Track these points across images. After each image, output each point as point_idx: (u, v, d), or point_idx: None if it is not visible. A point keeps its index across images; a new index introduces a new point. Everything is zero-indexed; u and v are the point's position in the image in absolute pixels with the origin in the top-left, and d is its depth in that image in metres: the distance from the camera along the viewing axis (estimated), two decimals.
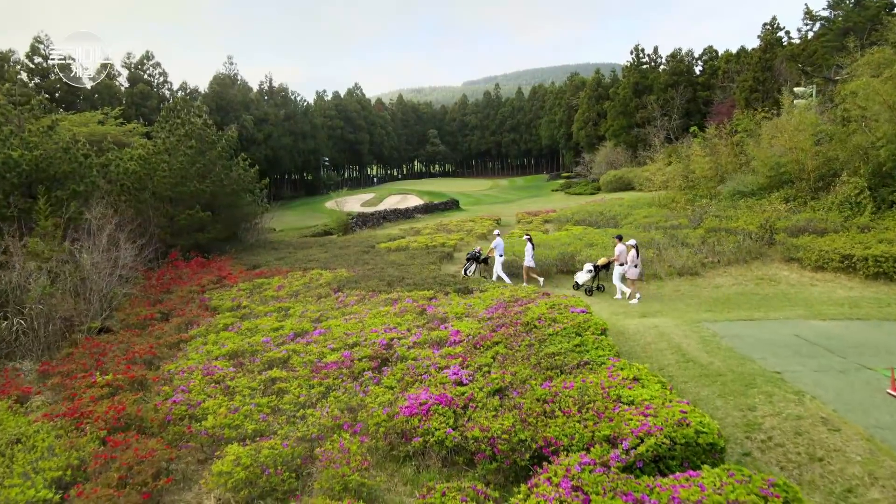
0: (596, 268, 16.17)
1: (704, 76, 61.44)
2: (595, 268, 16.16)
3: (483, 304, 12.96)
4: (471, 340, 9.96)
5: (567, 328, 9.39)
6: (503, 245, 18.08)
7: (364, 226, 35.96)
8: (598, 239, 20.17)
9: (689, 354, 9.17)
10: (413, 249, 23.95)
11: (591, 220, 27.04)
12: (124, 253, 16.94)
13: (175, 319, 14.31)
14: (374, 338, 10.65)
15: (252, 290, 17.23)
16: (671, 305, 13.96)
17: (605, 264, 16.24)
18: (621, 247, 15.33)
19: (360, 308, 13.50)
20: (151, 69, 59.95)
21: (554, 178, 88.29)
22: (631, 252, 14.72)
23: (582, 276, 16.35)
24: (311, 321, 12.80)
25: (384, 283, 16.35)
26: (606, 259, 16.35)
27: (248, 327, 12.57)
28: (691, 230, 20.38)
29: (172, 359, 11.21)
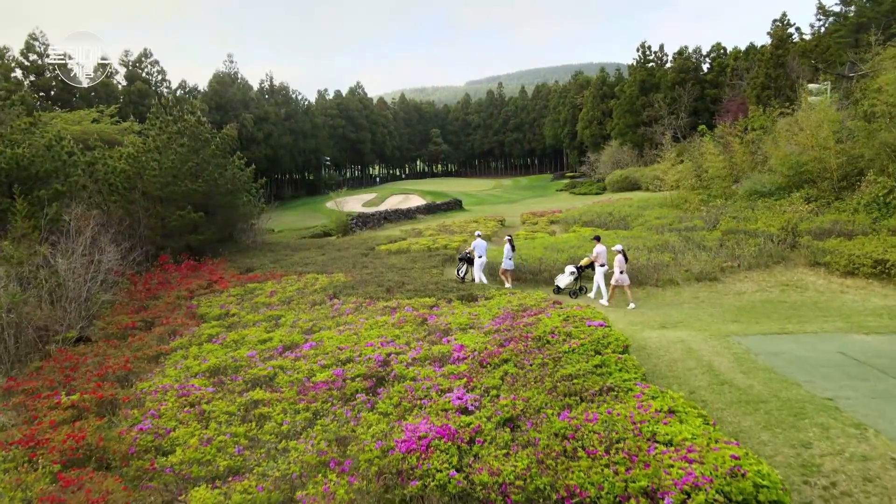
0: (578, 269, 15.60)
1: (713, 74, 60.26)
2: (578, 269, 15.59)
3: (489, 313, 11.94)
4: (476, 357, 8.94)
5: (584, 345, 8.37)
6: (485, 246, 17.32)
7: (364, 227, 34.97)
8: (609, 241, 19.02)
9: (724, 375, 8.13)
10: (414, 252, 22.95)
11: (600, 221, 25.98)
12: (108, 256, 15.98)
13: (158, 328, 13.34)
14: (370, 353, 9.64)
15: (243, 296, 16.25)
16: (692, 314, 12.92)
17: (589, 265, 15.55)
18: (600, 247, 14.83)
19: (356, 318, 12.49)
20: (149, 67, 59.04)
21: (558, 178, 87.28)
22: (618, 257, 14.16)
23: (564, 279, 15.65)
24: (302, 332, 11.80)
25: (383, 290, 15.35)
26: (588, 260, 15.61)
27: (233, 339, 11.57)
28: (707, 232, 19.34)
29: (149, 375, 10.22)
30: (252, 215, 28.03)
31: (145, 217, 21.15)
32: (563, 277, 15.73)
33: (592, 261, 15.21)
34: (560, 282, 15.73)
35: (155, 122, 23.20)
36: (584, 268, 15.66)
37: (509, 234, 19.21)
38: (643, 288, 15.74)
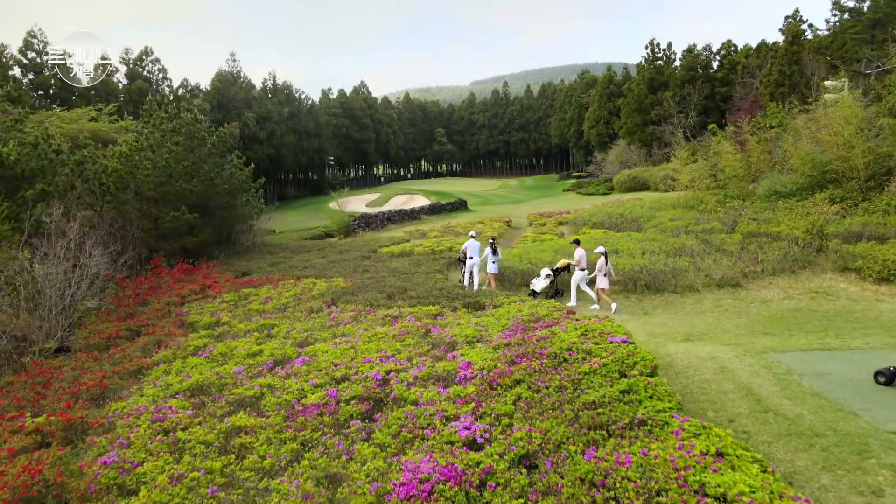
0: (554, 272, 15.21)
1: (723, 71, 59.03)
2: (553, 272, 15.19)
3: (498, 324, 11.01)
4: (485, 377, 8.02)
5: (607, 365, 7.44)
6: (478, 247, 16.60)
7: (367, 227, 34.08)
8: (622, 244, 18.15)
9: (766, 401, 7.18)
10: (418, 255, 22.04)
11: (611, 222, 25.01)
12: (94, 260, 15.12)
13: (143, 338, 12.46)
14: (368, 370, 8.74)
15: (237, 302, 15.37)
16: (717, 325, 11.96)
17: (564, 267, 15.35)
18: (581, 251, 14.54)
19: (355, 328, 11.58)
20: (150, 65, 58.28)
21: (564, 178, 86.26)
22: (600, 259, 13.90)
23: (539, 283, 15.07)
24: (295, 344, 10.90)
25: (384, 296, 14.45)
26: (565, 262, 15.42)
27: (221, 351, 10.68)
28: (726, 235, 18.35)
29: (126, 392, 9.33)
30: (251, 216, 27.18)
31: (138, 218, 20.32)
32: (538, 281, 15.16)
33: (568, 264, 15.05)
34: (536, 286, 15.10)
35: (149, 119, 22.36)
36: (560, 271, 15.34)
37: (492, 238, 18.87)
38: (661, 295, 14.77)
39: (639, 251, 16.94)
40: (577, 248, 14.68)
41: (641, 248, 17.29)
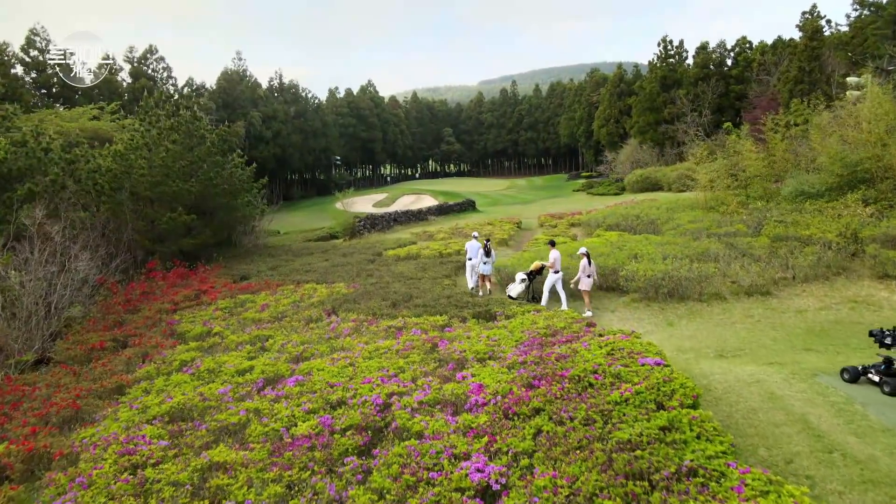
0: (529, 275, 14.79)
1: (738, 69, 57.63)
2: (528, 276, 14.78)
3: (511, 338, 10.03)
4: (500, 403, 7.06)
5: (641, 393, 6.45)
6: (477, 248, 16.05)
7: (373, 229, 33.14)
8: (641, 248, 17.10)
9: (829, 437, 6.16)
10: (424, 258, 21.08)
11: (627, 224, 23.92)
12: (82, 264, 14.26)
13: (129, 350, 11.59)
14: (367, 392, 7.80)
15: (232, 310, 14.48)
16: (752, 338, 10.91)
17: (539, 270, 14.88)
18: (556, 253, 14.17)
19: (355, 341, 10.63)
20: (154, 64, 57.60)
21: (574, 178, 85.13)
22: (583, 261, 13.53)
23: (515, 288, 14.67)
24: (290, 360, 9.97)
25: (388, 304, 13.50)
26: (539, 264, 14.91)
27: (209, 367, 9.76)
28: (752, 238, 17.26)
29: (99, 416, 8.42)
30: (252, 217, 26.33)
31: (133, 219, 19.46)
32: (514, 286, 14.74)
33: (542, 266, 14.72)
34: (512, 291, 14.67)
35: (145, 116, 21.51)
36: (535, 274, 14.90)
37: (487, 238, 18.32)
38: (685, 303, 13.73)
39: (659, 256, 15.88)
40: (552, 250, 14.30)
41: (662, 253, 16.23)
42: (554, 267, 14.10)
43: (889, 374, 7.24)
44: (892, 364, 7.32)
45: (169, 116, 22.08)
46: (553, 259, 14.14)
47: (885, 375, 7.24)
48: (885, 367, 7.33)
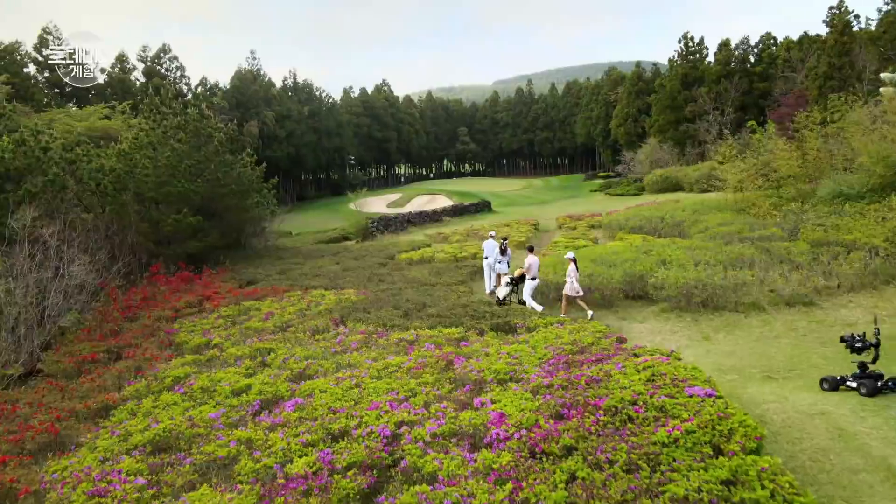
0: (513, 280, 14.62)
1: (762, 66, 55.97)
2: (512, 280, 14.64)
3: (534, 355, 9.09)
4: (524, 438, 6.13)
5: (693, 432, 5.49)
6: (493, 247, 16.06)
7: (386, 230, 32.34)
8: (668, 253, 16.04)
9: None
10: (439, 262, 20.18)
11: (650, 227, 22.82)
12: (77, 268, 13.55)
13: (122, 363, 10.83)
14: (373, 421, 6.92)
15: (234, 318, 13.69)
16: (800, 356, 9.85)
17: (521, 276, 14.41)
18: (532, 259, 13.92)
19: (362, 357, 9.74)
20: (168, 63, 57.36)
21: (591, 178, 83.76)
22: (570, 266, 13.14)
23: (503, 291, 14.58)
24: (291, 378, 9.12)
25: (399, 314, 12.62)
26: (521, 271, 14.46)
27: (202, 385, 8.92)
28: (789, 243, 16.13)
29: (77, 443, 7.62)
30: (260, 218, 25.61)
31: (137, 221, 18.79)
32: (502, 289, 14.65)
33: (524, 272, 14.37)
34: (500, 293, 14.55)
35: (150, 114, 20.85)
36: (518, 280, 14.55)
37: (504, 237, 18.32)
38: (720, 314, 12.68)
39: (690, 262, 14.82)
40: (529, 255, 14.05)
41: (692, 258, 15.18)
42: (530, 273, 13.72)
43: (865, 376, 7.33)
44: (866, 368, 7.40)
45: (176, 115, 21.41)
46: (528, 265, 13.78)
47: (863, 378, 7.31)
48: (860, 371, 7.42)
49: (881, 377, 7.31)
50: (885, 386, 7.21)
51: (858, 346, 7.60)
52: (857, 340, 7.65)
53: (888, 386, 7.21)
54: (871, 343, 7.57)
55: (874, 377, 7.29)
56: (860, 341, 7.61)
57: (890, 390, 7.19)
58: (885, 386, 7.21)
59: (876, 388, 7.14)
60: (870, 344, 7.57)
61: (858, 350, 7.60)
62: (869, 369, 7.41)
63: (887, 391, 7.21)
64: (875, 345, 7.55)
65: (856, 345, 7.63)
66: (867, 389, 7.16)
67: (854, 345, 7.65)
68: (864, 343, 7.59)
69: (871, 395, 7.10)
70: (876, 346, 7.54)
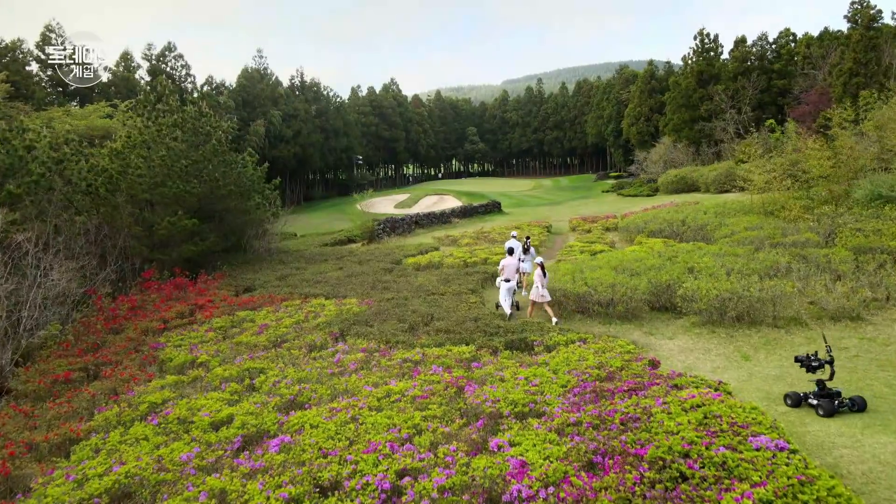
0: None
1: (780, 63, 54.34)
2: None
3: (556, 382, 7.97)
4: (552, 497, 5.02)
5: (769, 502, 4.33)
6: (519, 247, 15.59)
7: (393, 232, 31.23)
8: (696, 260, 14.84)
9: None
10: (447, 267, 19.06)
11: (671, 230, 21.55)
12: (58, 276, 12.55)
13: (98, 383, 9.79)
14: (370, 468, 5.84)
15: (226, 331, 12.66)
16: (859, 383, 8.62)
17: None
18: (507, 260, 13.40)
19: (361, 381, 8.64)
20: (173, 61, 56.49)
21: (602, 178, 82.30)
22: (537, 271, 12.72)
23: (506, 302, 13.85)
24: (279, 406, 8.04)
25: (404, 328, 11.54)
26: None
27: (179, 415, 7.86)
28: (827, 250, 14.88)
29: (27, 488, 6.57)
30: (262, 221, 24.59)
31: (129, 224, 17.80)
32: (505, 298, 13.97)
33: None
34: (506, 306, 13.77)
35: (143, 110, 19.85)
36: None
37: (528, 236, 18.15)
38: (758, 330, 11.49)
39: (720, 270, 13.63)
40: (507, 258, 13.58)
41: (723, 266, 13.99)
42: (503, 274, 13.28)
43: (822, 395, 7.43)
44: (824, 386, 7.51)
45: (173, 112, 20.42)
46: (502, 266, 13.41)
47: (819, 398, 7.40)
48: (819, 389, 7.53)
49: (839, 395, 7.41)
50: (842, 405, 7.29)
51: (815, 364, 7.73)
52: (811, 360, 7.79)
53: (845, 405, 7.29)
54: (826, 361, 7.72)
55: (832, 397, 7.37)
56: (815, 360, 7.76)
57: (847, 409, 7.28)
58: (842, 405, 7.29)
59: (833, 407, 7.21)
60: (824, 362, 7.73)
61: (814, 369, 7.73)
62: (826, 387, 7.50)
63: (844, 409, 7.29)
64: (829, 362, 7.71)
65: (812, 364, 7.75)
66: (825, 411, 7.23)
67: (810, 364, 7.77)
68: (819, 361, 7.73)
69: (829, 416, 7.15)
70: (830, 363, 7.71)
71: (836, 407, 7.24)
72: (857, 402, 7.33)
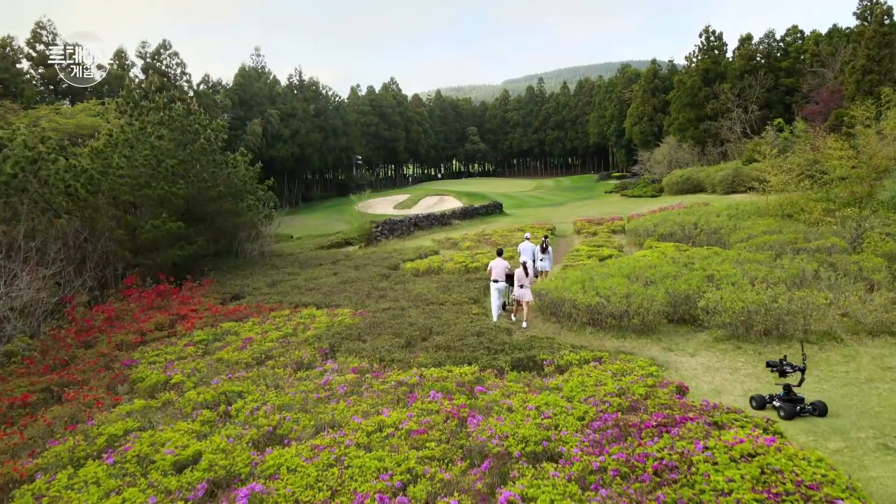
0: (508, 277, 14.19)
1: (788, 61, 53.23)
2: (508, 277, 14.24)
3: (572, 413, 6.96)
4: None
5: None
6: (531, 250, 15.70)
7: (391, 234, 30.19)
8: (714, 266, 13.83)
9: None
10: (447, 273, 18.07)
11: (683, 233, 20.50)
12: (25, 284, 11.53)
13: (55, 410, 8.77)
14: None
15: (207, 346, 11.66)
16: None
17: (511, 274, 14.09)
18: (494, 262, 13.25)
19: (350, 410, 7.61)
20: (168, 60, 55.43)
21: (604, 179, 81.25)
22: (518, 270, 12.74)
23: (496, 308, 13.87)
24: (254, 441, 7.02)
25: (400, 343, 10.53)
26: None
27: (139, 452, 6.83)
28: (857, 256, 13.86)
29: None
30: (257, 222, 23.58)
31: (111, 227, 16.79)
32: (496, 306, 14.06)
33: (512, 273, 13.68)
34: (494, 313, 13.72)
35: (126, 107, 18.82)
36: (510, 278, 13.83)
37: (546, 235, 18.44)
38: (787, 345, 10.45)
39: (743, 279, 12.61)
40: (496, 258, 13.42)
41: (745, 274, 12.96)
42: (491, 276, 13.15)
43: (787, 399, 7.56)
44: (790, 391, 7.66)
45: (159, 109, 19.40)
46: (490, 268, 13.29)
47: (783, 401, 7.52)
48: (784, 393, 7.67)
49: (801, 401, 7.56)
50: (804, 410, 7.45)
51: (787, 370, 7.86)
52: (784, 365, 7.92)
53: (806, 410, 7.45)
54: (799, 367, 7.82)
55: (794, 401, 7.51)
56: (788, 365, 7.89)
57: (809, 413, 7.44)
58: (804, 410, 7.45)
59: (794, 411, 7.38)
60: (797, 368, 7.83)
61: (785, 374, 7.87)
62: (793, 392, 7.65)
63: (805, 414, 7.45)
64: (801, 369, 7.83)
65: (785, 369, 7.88)
66: (786, 413, 7.39)
67: (783, 369, 7.89)
68: (791, 367, 7.86)
69: (790, 419, 7.30)
70: (802, 370, 7.83)
71: (797, 411, 7.38)
72: (818, 407, 7.45)
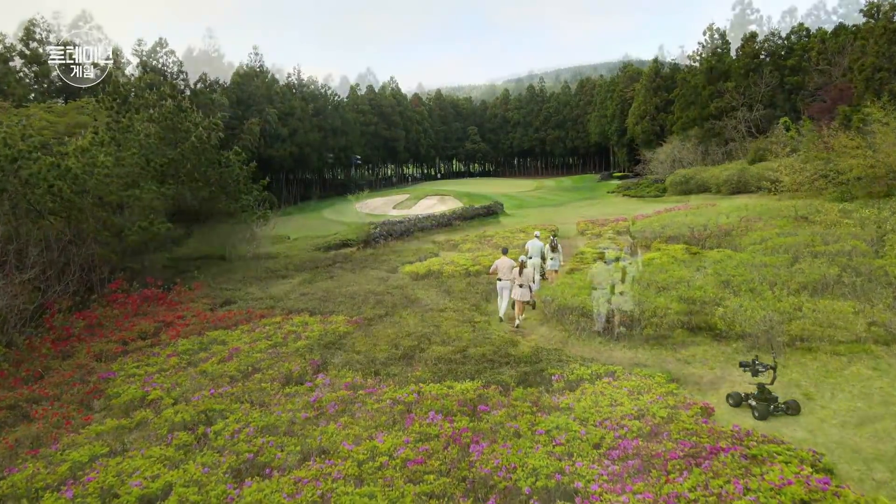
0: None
1: (793, 58, 52.40)
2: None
3: (587, 440, 6.23)
4: None
5: None
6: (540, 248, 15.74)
7: (390, 236, 29.41)
8: (729, 270, 13.09)
9: None
10: (448, 276, 17.30)
11: (692, 235, 19.70)
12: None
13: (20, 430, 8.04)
14: None
15: (192, 356, 10.91)
16: None
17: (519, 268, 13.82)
18: (502, 261, 13.05)
19: (340, 434, 6.88)
20: (164, 57, 54.72)
21: (606, 179, 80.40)
22: (514, 269, 12.52)
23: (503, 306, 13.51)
24: (232, 470, 6.29)
25: (397, 354, 9.80)
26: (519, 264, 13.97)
27: (102, 485, 6.11)
28: (881, 260, 13.11)
29: None
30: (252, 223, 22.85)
31: (97, 230, 16.06)
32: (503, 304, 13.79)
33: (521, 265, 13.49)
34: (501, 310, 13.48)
35: (112, 103, 18.09)
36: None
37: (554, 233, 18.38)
38: (813, 356, 9.71)
39: (761, 284, 11.88)
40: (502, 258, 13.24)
41: (763, 279, 12.23)
42: (498, 273, 13.00)
43: (760, 399, 7.63)
44: (764, 390, 7.71)
45: (148, 107, 18.68)
46: (494, 267, 13.19)
47: (758, 401, 7.61)
48: (758, 393, 7.72)
49: (776, 400, 7.67)
50: (777, 409, 7.56)
51: (759, 369, 7.92)
52: (756, 365, 7.97)
53: (780, 409, 7.56)
54: (770, 366, 7.96)
55: (768, 401, 7.60)
56: (760, 365, 7.97)
57: (782, 412, 7.54)
58: (777, 409, 7.56)
59: (768, 411, 7.49)
60: (768, 367, 7.95)
61: (757, 373, 7.92)
62: (766, 390, 7.72)
63: (779, 413, 7.55)
64: (773, 367, 7.97)
65: (757, 369, 7.93)
66: (759, 413, 7.48)
67: (755, 369, 7.93)
68: (763, 366, 7.95)
69: (764, 419, 7.40)
70: (773, 368, 7.97)
71: (770, 410, 7.49)
72: (791, 406, 7.56)
